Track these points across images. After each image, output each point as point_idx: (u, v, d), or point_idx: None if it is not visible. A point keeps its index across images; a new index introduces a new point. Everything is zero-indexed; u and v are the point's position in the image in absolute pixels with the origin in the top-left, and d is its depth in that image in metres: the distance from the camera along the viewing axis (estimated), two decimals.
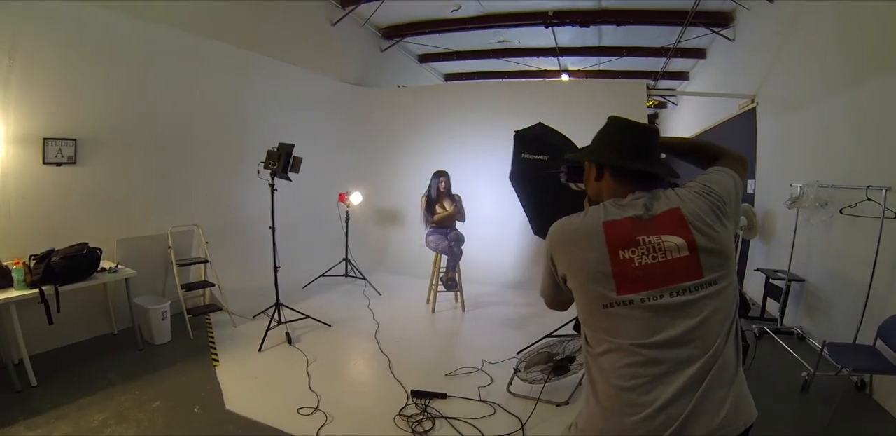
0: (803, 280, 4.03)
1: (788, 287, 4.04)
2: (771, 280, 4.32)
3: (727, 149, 1.45)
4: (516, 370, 2.99)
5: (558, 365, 2.94)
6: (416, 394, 2.99)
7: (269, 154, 3.86)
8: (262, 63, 5.25)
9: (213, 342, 3.84)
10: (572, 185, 1.61)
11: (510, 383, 3.09)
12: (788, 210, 3.99)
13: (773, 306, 4.41)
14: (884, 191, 2.99)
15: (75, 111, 3.62)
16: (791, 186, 3.95)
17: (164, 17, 4.15)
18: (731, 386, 1.09)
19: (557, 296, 1.37)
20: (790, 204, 3.90)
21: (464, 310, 4.89)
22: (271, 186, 3.89)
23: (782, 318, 4.16)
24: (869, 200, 3.11)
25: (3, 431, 2.52)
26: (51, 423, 2.62)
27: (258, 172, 3.87)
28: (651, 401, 1.05)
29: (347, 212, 5.79)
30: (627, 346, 1.10)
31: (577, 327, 1.50)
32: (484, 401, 2.98)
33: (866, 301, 3.12)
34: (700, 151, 1.49)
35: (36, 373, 3.05)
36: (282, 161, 3.77)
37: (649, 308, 1.10)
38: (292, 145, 3.81)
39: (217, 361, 3.51)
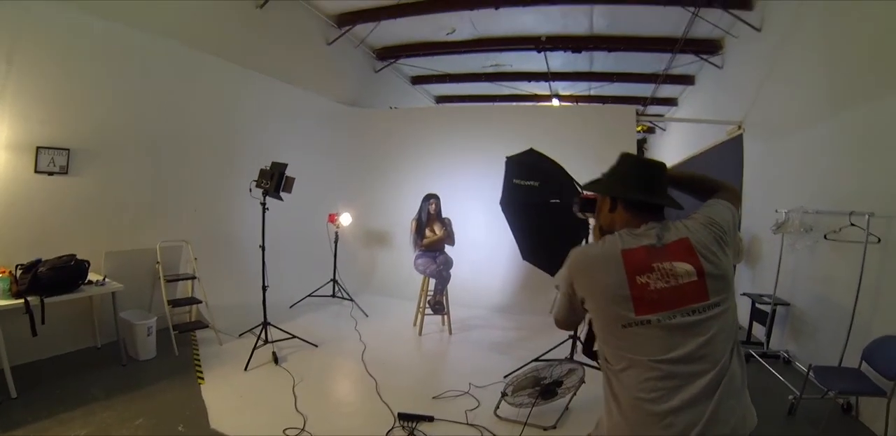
0: (789, 304, 4.07)
1: (774, 311, 4.07)
2: (757, 304, 4.36)
3: (722, 182, 1.60)
4: (504, 394, 2.97)
5: (546, 389, 2.94)
6: (403, 417, 2.95)
7: (262, 173, 3.86)
8: (256, 80, 5.31)
9: (199, 360, 3.79)
10: (579, 214, 1.77)
11: (497, 407, 3.07)
12: (774, 235, 4.05)
13: (759, 330, 4.44)
14: (867, 216, 3.05)
15: (70, 121, 3.62)
16: (777, 211, 4.01)
17: (162, 30, 4.20)
18: (740, 398, 1.23)
19: (571, 317, 1.51)
20: (776, 229, 3.96)
21: (451, 333, 4.86)
22: (263, 205, 3.89)
23: (768, 342, 4.18)
24: (853, 225, 3.18)
25: None
26: None
27: (250, 190, 3.88)
28: (671, 410, 1.18)
29: (336, 232, 5.78)
30: (647, 362, 1.23)
31: (587, 353, 1.62)
32: (471, 424, 2.95)
33: (851, 325, 3.17)
34: (698, 185, 1.64)
35: (17, 384, 2.99)
36: (274, 181, 3.76)
37: (664, 327, 1.23)
38: (285, 165, 3.81)
39: (202, 379, 3.45)
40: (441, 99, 10.61)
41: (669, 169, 1.56)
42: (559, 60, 7.64)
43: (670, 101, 9.44)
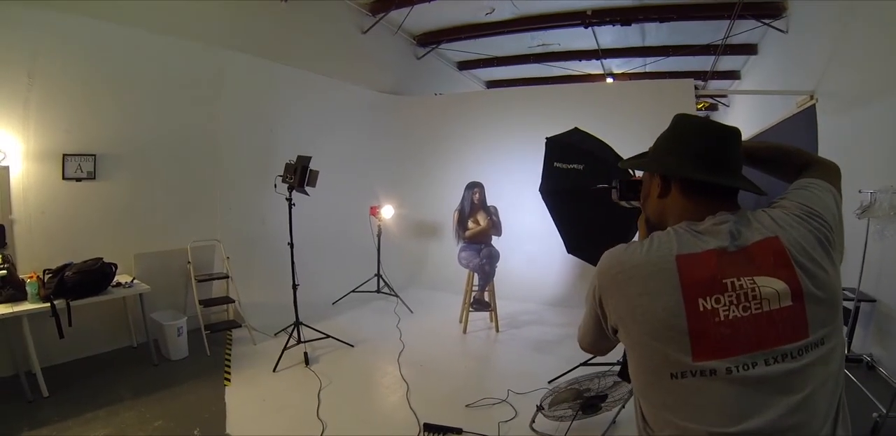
0: (875, 300, 3.55)
1: (858, 308, 3.55)
2: None
3: (816, 156, 1.16)
4: (539, 408, 2.66)
5: (588, 403, 2.60)
6: (428, 428, 2.75)
7: (287, 167, 3.75)
8: (289, 74, 5.21)
9: (229, 360, 3.74)
10: (624, 203, 1.31)
11: (533, 420, 2.76)
12: (858, 220, 3.48)
13: None
14: None
15: (95, 127, 3.66)
16: (860, 192, 3.44)
17: (187, 32, 4.16)
18: None
19: (601, 343, 1.10)
20: (860, 213, 3.40)
21: (497, 330, 4.59)
22: (288, 200, 3.77)
23: (850, 343, 3.67)
24: None
25: None
26: (53, 435, 2.59)
27: (275, 186, 3.78)
28: None
29: (379, 226, 5.62)
30: (705, 434, 0.81)
31: (623, 375, 1.16)
32: None
33: None
34: (784, 159, 1.18)
35: (50, 384, 3.06)
36: (298, 174, 3.64)
37: (738, 381, 0.81)
38: (309, 158, 3.68)
39: (229, 380, 3.39)
40: (492, 84, 10.29)
41: (753, 142, 1.17)
42: (609, 36, 7.17)
43: (732, 75, 8.71)
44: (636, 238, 1.12)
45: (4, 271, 2.99)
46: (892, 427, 2.60)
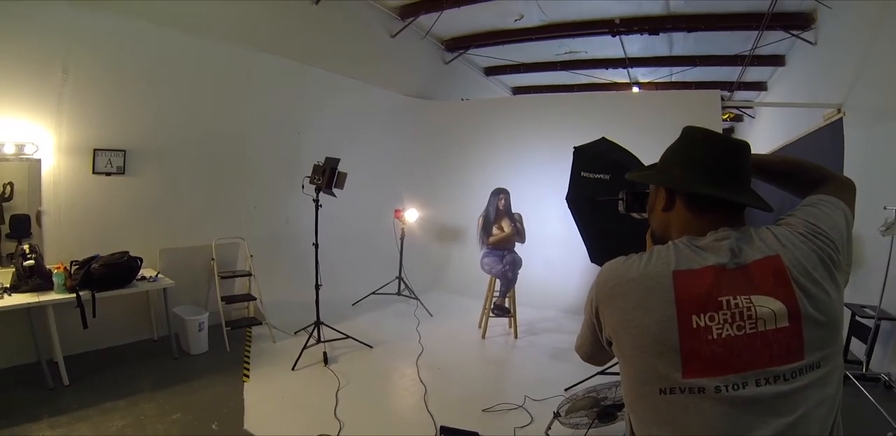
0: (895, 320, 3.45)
1: (878, 327, 3.47)
2: (857, 317, 3.73)
3: (831, 171, 1.12)
4: (556, 414, 2.61)
5: (605, 412, 2.55)
6: (445, 431, 2.73)
7: (315, 169, 3.79)
8: (318, 76, 5.26)
9: (248, 357, 3.77)
10: (634, 214, 1.29)
11: (549, 427, 2.72)
12: (882, 238, 3.38)
13: (857, 347, 3.81)
14: None
15: (126, 123, 3.73)
16: (885, 209, 3.37)
17: (218, 33, 4.23)
18: None
19: (597, 354, 1.09)
20: (885, 230, 3.32)
21: (516, 337, 4.57)
22: (315, 201, 3.81)
23: (868, 362, 3.56)
24: None
25: (26, 427, 2.57)
26: (72, 423, 2.64)
27: (303, 187, 3.81)
28: None
29: (403, 229, 5.63)
30: None
31: None
32: None
33: None
34: (797, 173, 1.15)
35: (71, 372, 3.11)
36: (326, 176, 3.67)
37: (727, 401, 0.79)
38: (338, 160, 3.71)
39: (248, 377, 3.41)
40: (518, 90, 10.27)
41: (766, 156, 1.14)
42: (637, 45, 7.11)
43: (759, 86, 8.60)
44: None
45: (32, 261, 3.05)
46: None
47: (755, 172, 1.09)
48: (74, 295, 3.03)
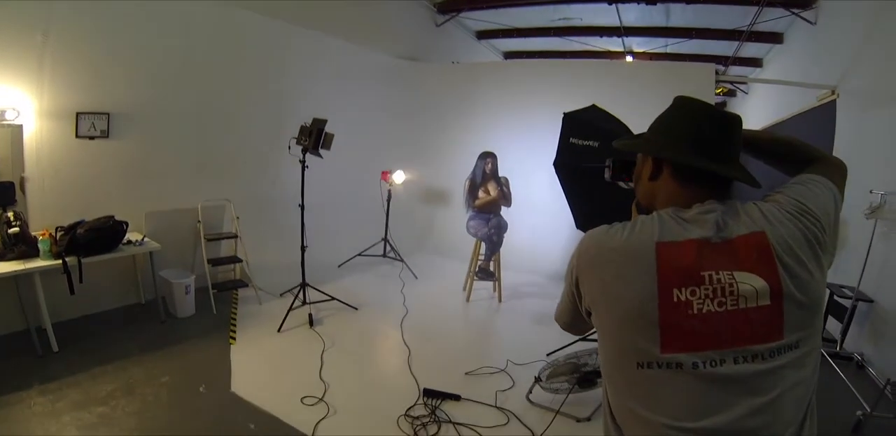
0: (872, 301, 3.55)
1: (854, 307, 3.57)
2: (836, 296, 3.83)
3: (823, 151, 1.09)
4: (537, 379, 2.71)
5: (584, 378, 2.65)
6: (428, 393, 2.83)
7: (302, 130, 3.73)
8: (306, 36, 5.09)
9: (235, 319, 3.81)
10: (621, 183, 1.28)
11: (530, 391, 2.83)
12: (866, 220, 3.45)
13: (833, 326, 3.92)
14: None
15: (109, 86, 3.61)
16: (871, 192, 3.44)
17: None
18: None
19: (576, 324, 1.08)
20: (869, 213, 3.42)
21: (500, 301, 4.65)
22: (302, 162, 3.77)
23: (842, 341, 3.68)
24: None
25: (17, 395, 2.58)
26: (62, 389, 2.66)
27: (289, 148, 3.76)
28: None
29: (389, 191, 5.61)
30: (661, 426, 0.80)
31: None
32: (499, 407, 2.77)
33: None
34: (789, 151, 1.13)
35: (59, 339, 3.11)
36: (313, 137, 3.62)
37: (703, 377, 0.79)
38: (325, 121, 3.65)
39: (234, 339, 3.46)
40: (509, 54, 10.07)
41: (756, 131, 1.12)
42: (633, 14, 6.94)
43: (754, 62, 8.50)
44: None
45: (17, 229, 3.00)
46: (875, 426, 2.66)
47: (746, 147, 1.07)
48: (61, 261, 3.00)
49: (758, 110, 8.21)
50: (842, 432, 2.69)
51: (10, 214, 3.07)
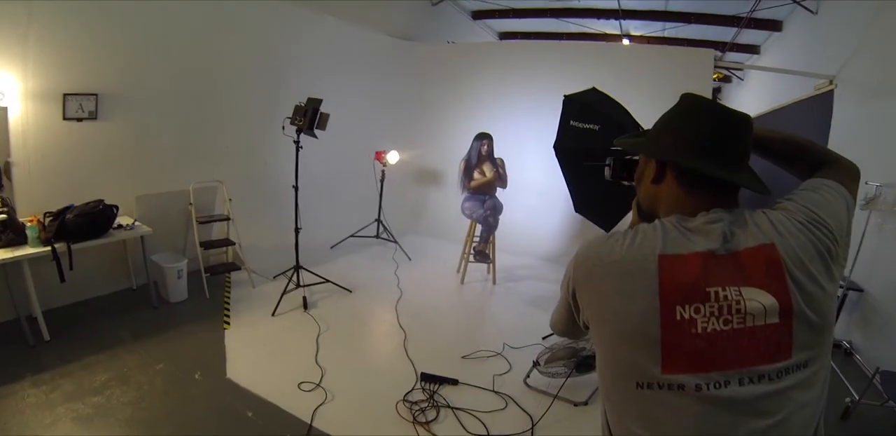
0: (862, 290, 3.59)
1: (845, 296, 3.61)
2: None
3: (835, 153, 1.04)
4: (536, 363, 2.72)
5: (582, 362, 2.65)
6: (425, 377, 2.84)
7: (296, 110, 3.65)
8: (298, 14, 4.93)
9: (228, 303, 3.78)
10: (624, 182, 1.23)
11: (528, 375, 2.85)
12: (860, 211, 3.48)
13: None
14: None
15: (96, 66, 3.48)
16: (867, 184, 3.45)
17: None
18: None
19: (573, 332, 1.05)
20: (864, 204, 3.43)
21: (495, 283, 4.64)
22: (296, 143, 3.70)
23: None
24: None
25: (10, 387, 2.54)
26: (55, 380, 2.62)
27: (283, 128, 3.68)
28: None
29: (383, 171, 5.53)
30: None
31: None
32: (497, 391, 2.80)
33: None
34: (800, 153, 1.07)
35: (51, 328, 3.06)
36: (308, 117, 3.54)
37: (707, 400, 0.75)
38: (320, 101, 3.57)
39: (228, 324, 3.44)
40: (504, 35, 9.96)
41: (766, 131, 1.06)
42: None
43: (752, 49, 8.47)
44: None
45: (4, 215, 2.90)
46: (862, 413, 2.72)
47: (755, 148, 1.01)
48: (50, 248, 2.92)
49: (754, 97, 8.18)
50: (830, 419, 2.73)
51: None
